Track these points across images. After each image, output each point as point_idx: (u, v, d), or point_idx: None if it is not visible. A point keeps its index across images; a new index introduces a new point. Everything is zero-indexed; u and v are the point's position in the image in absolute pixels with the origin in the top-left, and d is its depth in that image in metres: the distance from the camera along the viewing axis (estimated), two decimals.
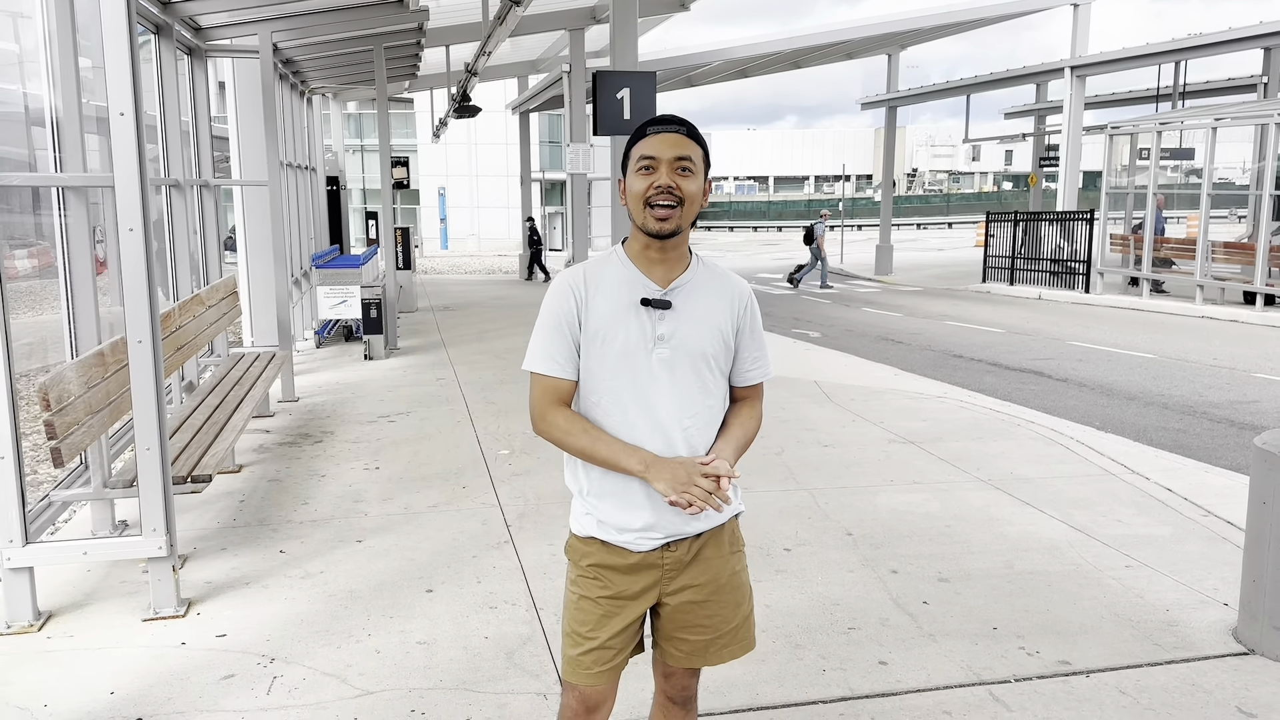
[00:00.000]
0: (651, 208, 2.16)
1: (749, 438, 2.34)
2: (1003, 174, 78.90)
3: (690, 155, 2.18)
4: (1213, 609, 4.13)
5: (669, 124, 2.21)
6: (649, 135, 2.20)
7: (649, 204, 2.17)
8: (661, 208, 2.16)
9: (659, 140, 2.19)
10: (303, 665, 3.68)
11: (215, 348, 8.38)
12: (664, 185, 2.16)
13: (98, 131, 6.39)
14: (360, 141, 44.54)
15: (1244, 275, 16.44)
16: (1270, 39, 17.65)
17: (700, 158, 2.21)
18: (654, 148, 2.18)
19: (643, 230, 2.21)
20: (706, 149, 2.25)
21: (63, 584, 4.44)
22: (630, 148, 2.24)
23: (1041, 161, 26.45)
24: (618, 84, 8.85)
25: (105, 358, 4.53)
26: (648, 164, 2.18)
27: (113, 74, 3.83)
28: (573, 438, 2.23)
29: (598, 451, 2.21)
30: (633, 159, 2.22)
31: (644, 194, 2.17)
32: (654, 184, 2.16)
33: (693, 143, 2.21)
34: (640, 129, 2.23)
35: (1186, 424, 8.20)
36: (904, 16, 22.57)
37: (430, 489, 5.96)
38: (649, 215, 2.17)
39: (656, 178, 2.16)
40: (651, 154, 2.18)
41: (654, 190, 2.16)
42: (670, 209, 2.16)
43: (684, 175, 2.18)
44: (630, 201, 2.21)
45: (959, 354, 12.26)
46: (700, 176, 2.21)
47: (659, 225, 2.17)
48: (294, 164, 12.67)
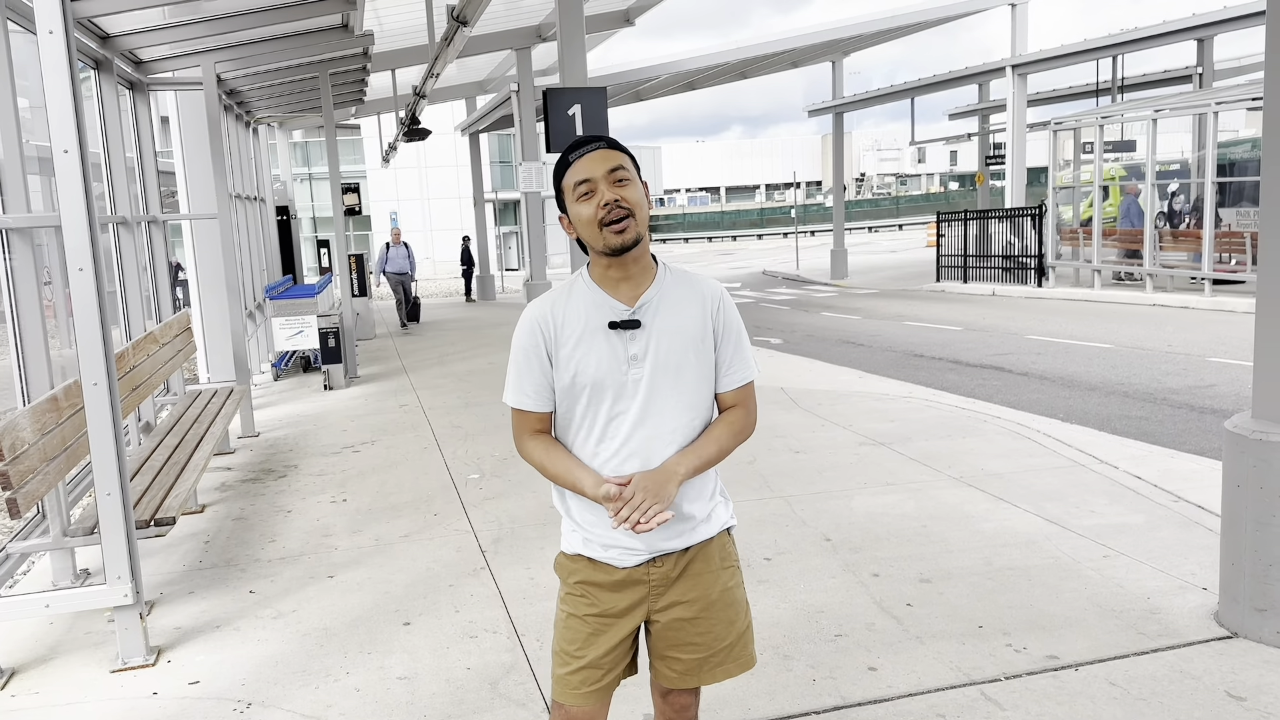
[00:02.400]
0: (606, 225, 2.14)
1: (720, 446, 2.26)
2: (949, 174, 79.99)
3: (622, 164, 2.17)
4: (1193, 594, 4.15)
5: (589, 144, 2.20)
6: (574, 162, 2.18)
7: (603, 223, 2.14)
8: (616, 221, 2.13)
9: (588, 161, 2.17)
10: (281, 709, 3.57)
11: (171, 386, 8.20)
12: (610, 200, 2.13)
13: (39, 172, 6.24)
14: (309, 169, 44.10)
15: (1191, 262, 16.75)
16: (1202, 30, 18.10)
17: (631, 165, 2.20)
18: (586, 169, 2.16)
19: (605, 252, 2.18)
20: (633, 156, 2.24)
21: (24, 638, 4.29)
22: (560, 180, 2.22)
23: (987, 160, 26.83)
24: (569, 100, 8.82)
25: (59, 402, 4.40)
26: (586, 188, 2.15)
27: (54, 111, 3.72)
28: (541, 465, 2.28)
29: (559, 477, 2.25)
30: (568, 189, 2.19)
31: (595, 216, 2.14)
32: (600, 203, 2.14)
33: (619, 153, 2.19)
34: (562, 159, 2.21)
35: (1148, 411, 8.31)
36: (847, 24, 22.85)
37: (401, 518, 5.85)
38: (607, 234, 2.14)
39: (600, 196, 2.14)
40: (586, 176, 2.15)
41: (603, 209, 2.13)
42: (624, 219, 2.14)
43: (623, 185, 2.16)
44: (582, 229, 2.18)
45: (920, 353, 12.35)
46: (637, 183, 2.20)
47: (620, 239, 2.14)
48: (243, 195, 12.49)
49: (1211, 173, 15.77)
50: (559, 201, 2.24)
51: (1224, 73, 23.25)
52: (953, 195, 65.15)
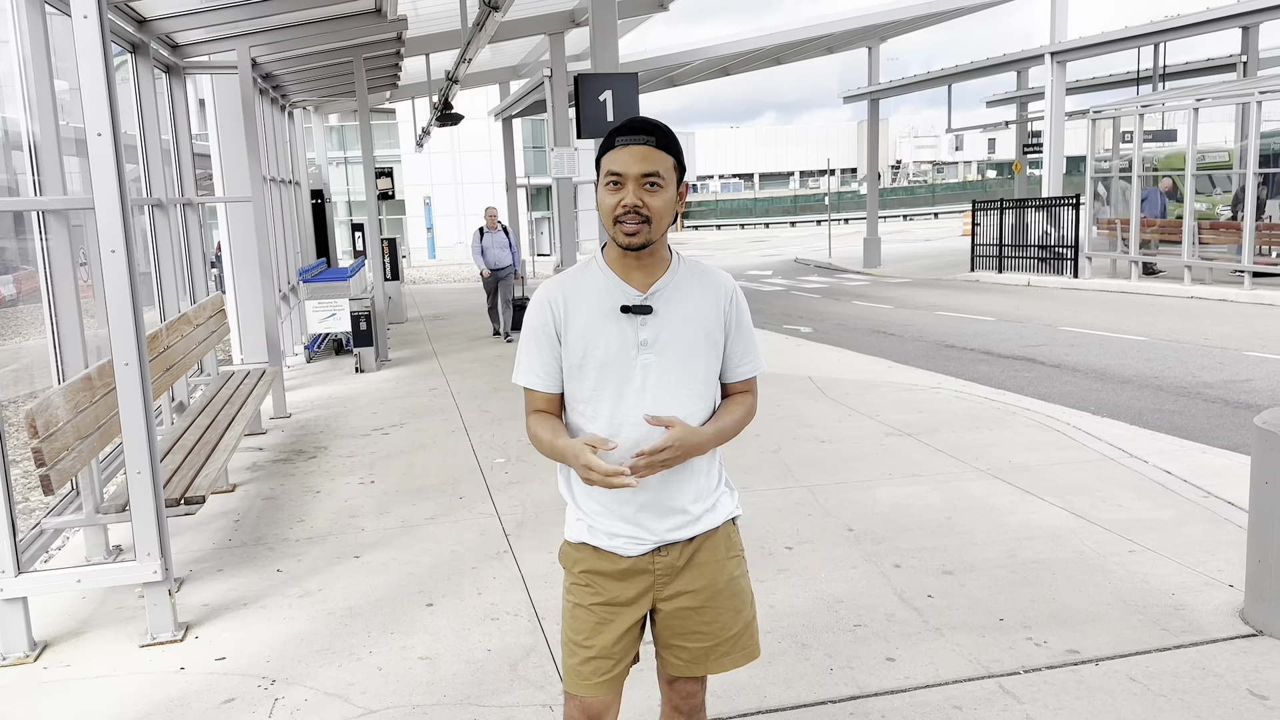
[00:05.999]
0: (619, 223, 2.14)
1: (727, 428, 2.29)
2: (986, 162, 78.99)
3: (658, 170, 2.13)
4: (1218, 591, 4.11)
5: (637, 133, 2.15)
6: (617, 147, 2.15)
7: (617, 220, 2.15)
8: (629, 224, 2.14)
9: (626, 155, 2.13)
10: (304, 686, 3.63)
11: (204, 366, 8.32)
12: (630, 205, 2.12)
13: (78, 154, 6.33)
14: (344, 153, 44.39)
15: (1231, 255, 16.45)
16: (1248, 18, 17.71)
17: (671, 167, 2.16)
18: (621, 163, 2.13)
19: (614, 243, 2.21)
20: (679, 154, 2.19)
21: (58, 612, 4.39)
22: (601, 155, 2.19)
23: (1025, 148, 26.47)
24: (600, 86, 8.82)
25: (93, 381, 4.48)
26: (616, 179, 2.14)
27: (89, 94, 3.78)
28: (550, 444, 2.23)
29: (563, 453, 2.21)
30: (602, 170, 2.18)
31: (612, 211, 2.15)
32: (620, 202, 2.13)
33: (662, 153, 2.14)
34: (610, 136, 2.18)
35: (1181, 405, 8.20)
36: (884, 9, 22.60)
37: (427, 501, 5.91)
38: (618, 230, 2.16)
39: (623, 195, 2.13)
40: (619, 170, 2.13)
41: (620, 209, 2.13)
42: (638, 225, 2.14)
43: (651, 191, 2.13)
44: (601, 214, 2.19)
45: (951, 344, 12.25)
46: (670, 188, 2.16)
47: (628, 240, 2.16)
48: (277, 179, 12.60)
49: (1254, 163, 15.48)
50: (597, 171, 2.23)
51: (1269, 61, 22.76)
52: (990, 184, 64.34)
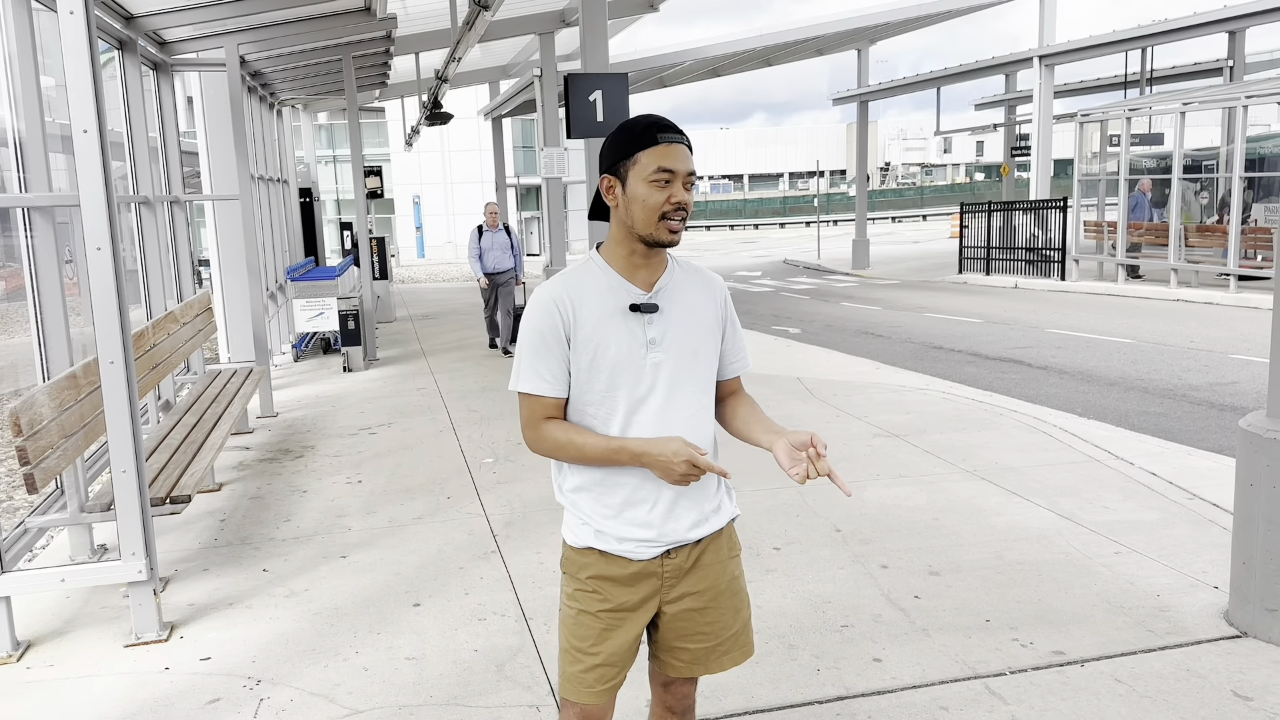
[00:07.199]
0: (666, 219, 2.13)
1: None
2: (975, 165, 79.27)
3: (695, 170, 2.17)
4: (1203, 592, 4.13)
5: (678, 133, 2.16)
6: (662, 144, 2.12)
7: (665, 217, 2.13)
8: (676, 220, 2.13)
9: (675, 153, 2.12)
10: (290, 686, 3.61)
11: (191, 365, 8.27)
12: (681, 202, 2.12)
13: (64, 150, 6.29)
14: (332, 152, 44.24)
15: (1217, 258, 16.55)
16: (1234, 22, 17.81)
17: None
18: (672, 160, 2.12)
19: (648, 241, 2.15)
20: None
21: (41, 612, 4.36)
22: (634, 150, 2.13)
23: (1013, 151, 26.57)
24: (590, 86, 8.80)
25: (78, 380, 4.45)
26: (666, 177, 2.11)
27: (74, 91, 3.76)
28: (564, 450, 2.19)
29: (609, 455, 2.16)
30: (643, 164, 2.12)
31: (661, 207, 2.12)
32: (672, 198, 2.12)
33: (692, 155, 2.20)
34: (647, 133, 2.13)
35: (1167, 407, 8.24)
36: (874, 11, 22.63)
37: (414, 500, 5.89)
38: (663, 227, 2.13)
39: (674, 192, 2.12)
40: (671, 167, 2.11)
41: (672, 205, 2.12)
42: (682, 224, 2.15)
43: (689, 190, 2.16)
44: (637, 209, 2.13)
45: (939, 345, 12.28)
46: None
47: (671, 238, 2.15)
48: (266, 177, 12.55)
49: (1240, 167, 15.57)
50: (614, 166, 2.17)
51: (1255, 65, 22.92)
52: (978, 186, 64.57)
